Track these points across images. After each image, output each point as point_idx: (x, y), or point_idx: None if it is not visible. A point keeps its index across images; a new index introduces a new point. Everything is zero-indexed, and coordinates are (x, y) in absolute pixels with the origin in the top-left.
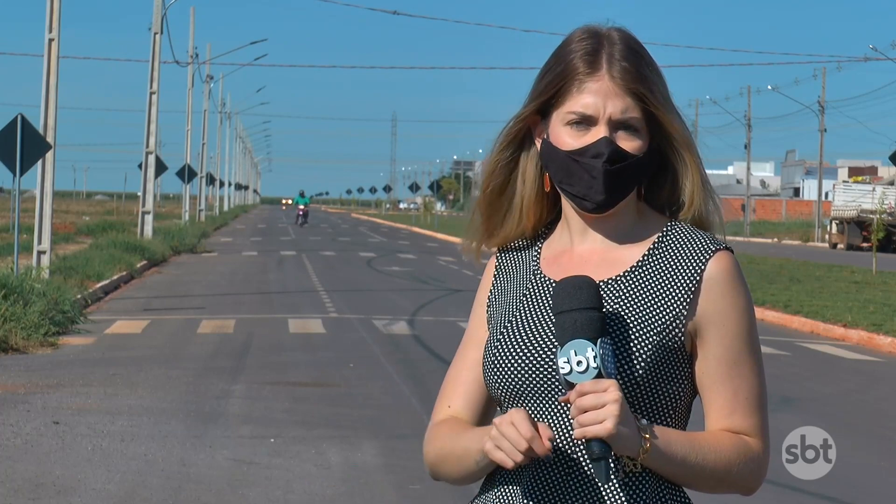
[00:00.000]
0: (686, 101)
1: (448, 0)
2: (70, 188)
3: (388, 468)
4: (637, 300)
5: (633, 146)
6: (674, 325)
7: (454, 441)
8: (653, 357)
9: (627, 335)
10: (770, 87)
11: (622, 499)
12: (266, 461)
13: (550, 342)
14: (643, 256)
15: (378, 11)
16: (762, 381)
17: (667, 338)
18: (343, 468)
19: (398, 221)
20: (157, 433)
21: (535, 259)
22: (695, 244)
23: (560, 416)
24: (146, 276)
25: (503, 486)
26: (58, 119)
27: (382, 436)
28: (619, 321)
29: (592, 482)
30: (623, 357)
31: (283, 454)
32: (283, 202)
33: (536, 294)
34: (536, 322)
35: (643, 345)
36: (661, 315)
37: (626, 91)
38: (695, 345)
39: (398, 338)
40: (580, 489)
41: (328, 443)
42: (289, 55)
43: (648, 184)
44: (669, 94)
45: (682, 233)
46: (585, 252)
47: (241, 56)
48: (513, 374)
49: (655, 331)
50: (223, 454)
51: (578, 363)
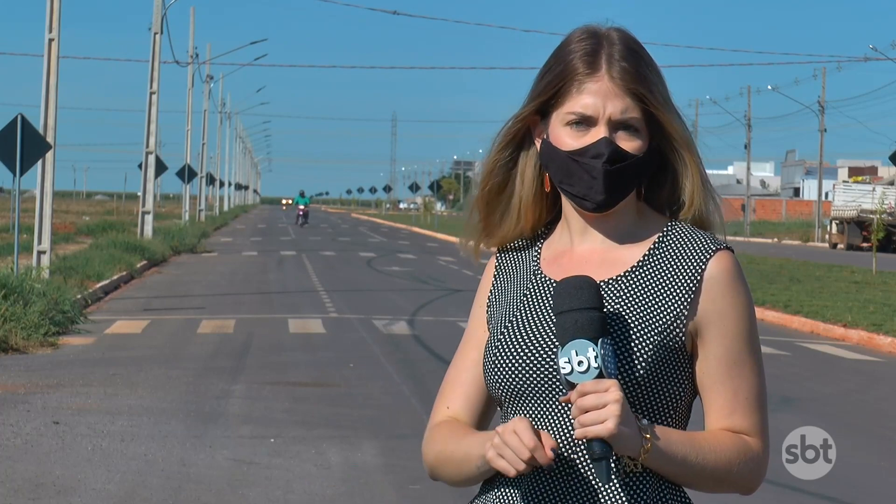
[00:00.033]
0: (686, 101)
1: (448, 0)
2: (70, 188)
3: (388, 468)
4: (638, 300)
5: (633, 146)
6: (674, 325)
7: (455, 445)
8: (653, 357)
9: (628, 335)
10: (770, 87)
11: (623, 499)
12: (266, 461)
13: (551, 342)
14: (643, 256)
15: (378, 11)
16: (762, 381)
17: (667, 338)
18: (343, 468)
19: (398, 221)
20: (157, 433)
21: (536, 259)
22: (695, 244)
23: (561, 416)
24: (146, 276)
25: (504, 487)
26: (58, 119)
27: (382, 436)
28: (620, 321)
29: (593, 482)
30: (624, 357)
31: (283, 454)
32: (283, 202)
33: (537, 294)
34: (537, 322)
35: (644, 345)
36: (662, 315)
37: (626, 91)
38: (695, 344)
39: (398, 338)
40: (581, 489)
41: (328, 443)
42: (289, 55)
43: (648, 184)
44: (669, 94)
45: (683, 232)
46: (586, 252)
47: (241, 56)
48: (513, 374)
49: (656, 331)
50: (223, 454)
51: (579, 363)
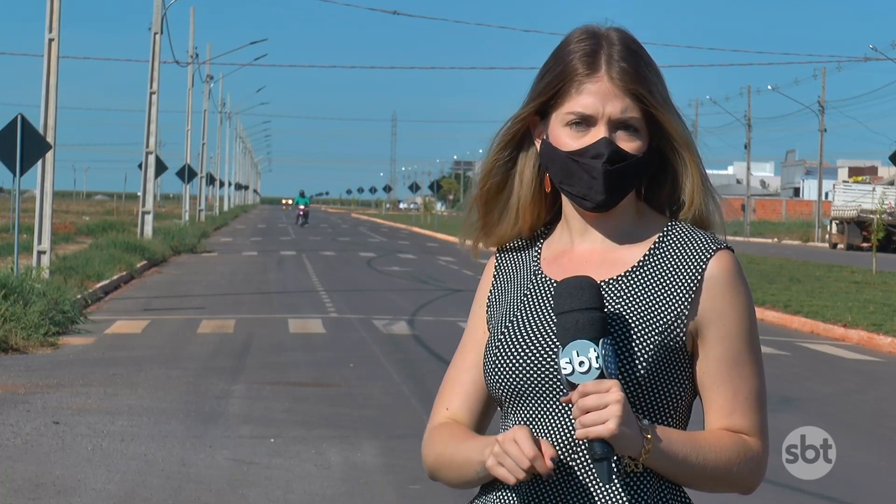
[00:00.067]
0: (686, 101)
1: (448, 0)
2: (70, 188)
3: (388, 468)
4: (638, 300)
5: (633, 146)
6: (675, 325)
7: (454, 449)
8: (654, 357)
9: (629, 335)
10: (770, 87)
11: (623, 499)
12: (266, 461)
13: (552, 342)
14: (644, 256)
15: (378, 11)
16: (762, 381)
17: (668, 338)
18: (343, 468)
19: (398, 221)
20: (157, 433)
21: (536, 259)
22: (695, 243)
23: (561, 416)
24: (146, 276)
25: (504, 489)
26: (58, 119)
27: (382, 436)
28: (621, 321)
29: (594, 482)
30: (625, 357)
31: (283, 454)
32: (284, 202)
33: (537, 294)
34: (537, 322)
35: (645, 345)
36: (663, 315)
37: (626, 92)
38: (696, 344)
39: (398, 338)
40: (582, 489)
41: (328, 443)
42: (289, 55)
43: (648, 184)
44: (669, 95)
45: (683, 232)
46: (586, 252)
47: (241, 56)
48: (514, 375)
49: (657, 331)
50: (223, 454)
51: (580, 363)
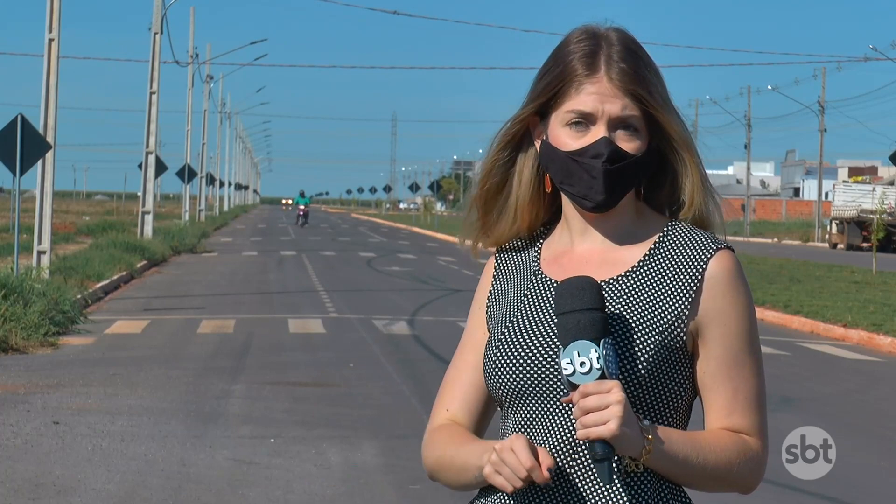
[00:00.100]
0: (686, 101)
1: (448, 0)
2: (70, 188)
3: (388, 468)
4: (639, 300)
5: (633, 146)
6: (676, 325)
7: (454, 452)
8: (655, 357)
9: (630, 335)
10: (770, 87)
11: (624, 499)
12: (266, 461)
13: (552, 342)
14: (644, 256)
15: (378, 11)
16: (762, 381)
17: (669, 337)
18: (343, 468)
19: (398, 221)
20: (157, 433)
21: (536, 259)
22: (696, 243)
23: (561, 416)
24: (146, 276)
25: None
26: (58, 119)
27: (382, 436)
28: (621, 321)
29: (595, 483)
30: (625, 357)
31: (283, 454)
32: (284, 202)
33: (537, 294)
34: (538, 322)
35: (645, 345)
36: (663, 315)
37: (625, 92)
38: (696, 344)
39: (398, 338)
40: (582, 490)
41: (328, 443)
42: (289, 55)
43: (648, 184)
44: (668, 95)
45: (683, 232)
46: (586, 252)
47: (241, 56)
48: (514, 375)
49: (657, 331)
50: (223, 454)
51: (582, 364)
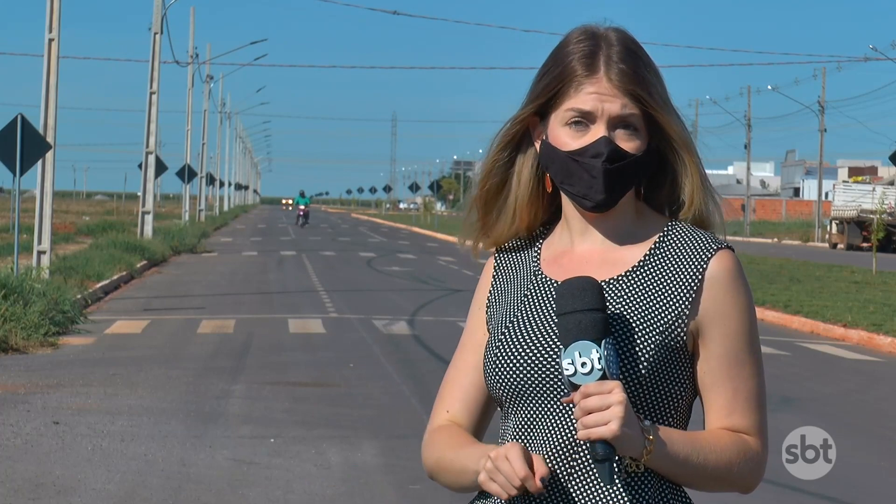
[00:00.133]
0: (686, 101)
1: (448, 0)
2: (70, 188)
3: (388, 468)
4: (639, 300)
5: (632, 146)
6: (676, 325)
7: (453, 455)
8: (656, 357)
9: (630, 335)
10: (770, 87)
11: (625, 499)
12: (266, 461)
13: (553, 343)
14: (644, 256)
15: (378, 11)
16: (762, 381)
17: (669, 337)
18: (343, 468)
19: (398, 221)
20: (157, 433)
21: (535, 260)
22: (696, 243)
23: (562, 416)
24: (146, 276)
25: None
26: (58, 119)
27: (382, 436)
28: (622, 321)
29: (595, 483)
30: (626, 357)
31: (283, 454)
32: (284, 202)
33: (538, 295)
34: (538, 323)
35: (646, 345)
36: (664, 315)
37: (625, 93)
38: (696, 344)
39: (398, 338)
40: (583, 490)
41: (328, 443)
42: (289, 55)
43: (648, 184)
44: (668, 95)
45: (683, 232)
46: (586, 252)
47: (241, 56)
48: (514, 375)
49: (658, 331)
50: (223, 454)
51: (583, 365)
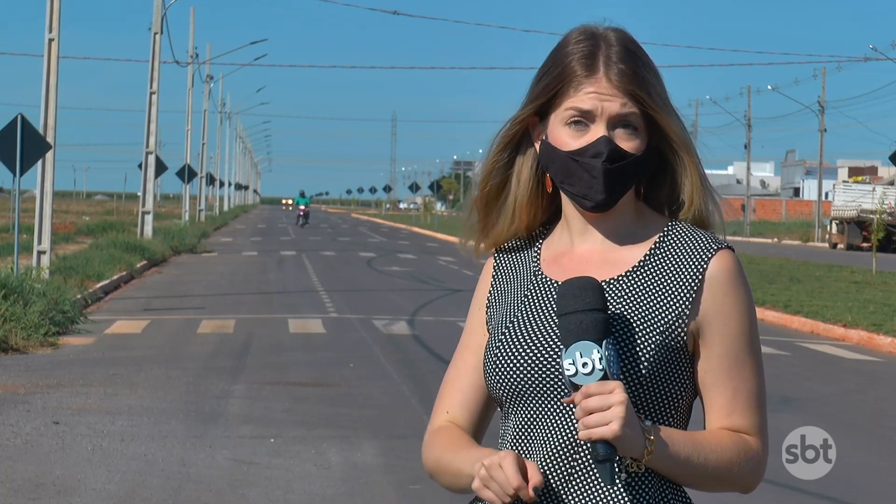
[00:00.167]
0: (686, 101)
1: (448, 0)
2: (70, 188)
3: (388, 468)
4: (640, 300)
5: (632, 145)
6: (677, 325)
7: (450, 457)
8: (656, 357)
9: (631, 335)
10: (770, 87)
11: (625, 499)
12: (266, 461)
13: (553, 343)
14: (644, 256)
15: (378, 11)
16: (762, 380)
17: (670, 337)
18: (343, 468)
19: (398, 221)
20: (157, 433)
21: (535, 260)
22: (696, 243)
23: (562, 416)
24: (146, 276)
25: None
26: (58, 119)
27: (382, 436)
28: (622, 322)
29: (596, 483)
30: (626, 357)
31: (283, 454)
32: (284, 202)
33: (538, 295)
34: (538, 323)
35: (647, 345)
36: (664, 315)
37: (624, 93)
38: (697, 344)
39: (398, 338)
40: (583, 490)
41: (328, 443)
42: (289, 55)
43: (647, 184)
44: (667, 95)
45: (683, 232)
46: (586, 252)
47: (241, 56)
48: (515, 375)
49: (658, 331)
50: (223, 454)
51: (584, 365)
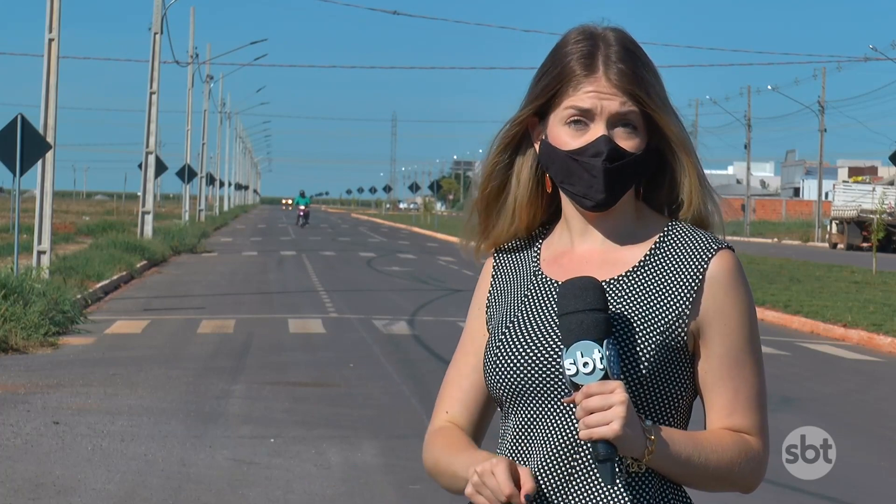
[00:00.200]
0: (686, 101)
1: (448, 0)
2: (70, 188)
3: (388, 468)
4: (640, 300)
5: (631, 145)
6: (677, 325)
7: (448, 460)
8: (656, 357)
9: (631, 335)
10: (770, 87)
11: (626, 499)
12: (266, 461)
13: (553, 343)
14: (645, 256)
15: (378, 11)
16: (762, 380)
17: (670, 337)
18: (343, 468)
19: (398, 221)
20: (157, 433)
21: (535, 260)
22: (696, 243)
23: (562, 416)
24: (146, 276)
25: None
26: (58, 119)
27: (382, 436)
28: (622, 321)
29: (596, 483)
30: (626, 357)
31: (283, 454)
32: (284, 202)
33: (538, 295)
34: (539, 323)
35: (647, 345)
36: (665, 314)
37: (623, 93)
38: (697, 344)
39: (398, 338)
40: (583, 490)
41: (328, 443)
42: (289, 55)
43: (647, 184)
44: (666, 95)
45: (683, 232)
46: (586, 252)
47: (241, 56)
48: (515, 375)
49: (659, 330)
50: (223, 454)
51: (585, 364)
